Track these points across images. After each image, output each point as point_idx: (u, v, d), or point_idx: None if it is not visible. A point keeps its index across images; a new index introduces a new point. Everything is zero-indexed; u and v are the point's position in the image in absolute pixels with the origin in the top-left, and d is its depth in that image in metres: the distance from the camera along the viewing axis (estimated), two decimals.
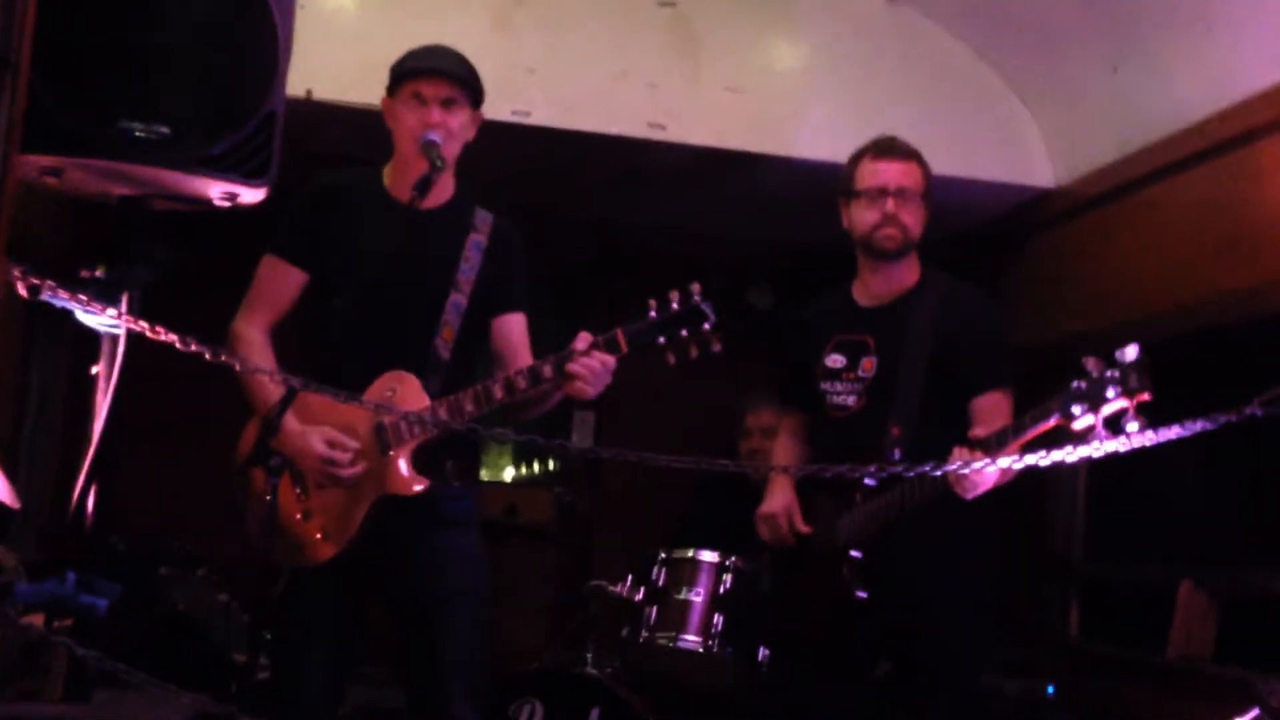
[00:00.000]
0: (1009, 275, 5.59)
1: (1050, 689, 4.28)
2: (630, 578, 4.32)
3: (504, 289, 3.34)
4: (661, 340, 2.96)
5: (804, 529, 3.57)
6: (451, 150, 3.23)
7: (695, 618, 4.09)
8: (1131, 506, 4.91)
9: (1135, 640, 4.52)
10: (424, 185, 3.10)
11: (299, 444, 3.09)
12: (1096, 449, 2.34)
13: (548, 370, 3.02)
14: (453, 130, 3.21)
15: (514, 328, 3.36)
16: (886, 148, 3.59)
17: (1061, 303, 5.19)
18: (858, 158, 3.62)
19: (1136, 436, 2.22)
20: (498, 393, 3.06)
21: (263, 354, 3.22)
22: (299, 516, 3.13)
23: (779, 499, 3.64)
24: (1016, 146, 5.23)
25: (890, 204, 3.50)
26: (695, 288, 2.96)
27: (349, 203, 3.28)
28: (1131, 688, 4.37)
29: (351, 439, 3.09)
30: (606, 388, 3.05)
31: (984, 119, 5.20)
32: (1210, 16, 4.14)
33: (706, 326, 2.96)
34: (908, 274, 3.59)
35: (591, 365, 2.98)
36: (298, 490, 3.14)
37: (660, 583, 4.19)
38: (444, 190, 3.31)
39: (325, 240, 3.25)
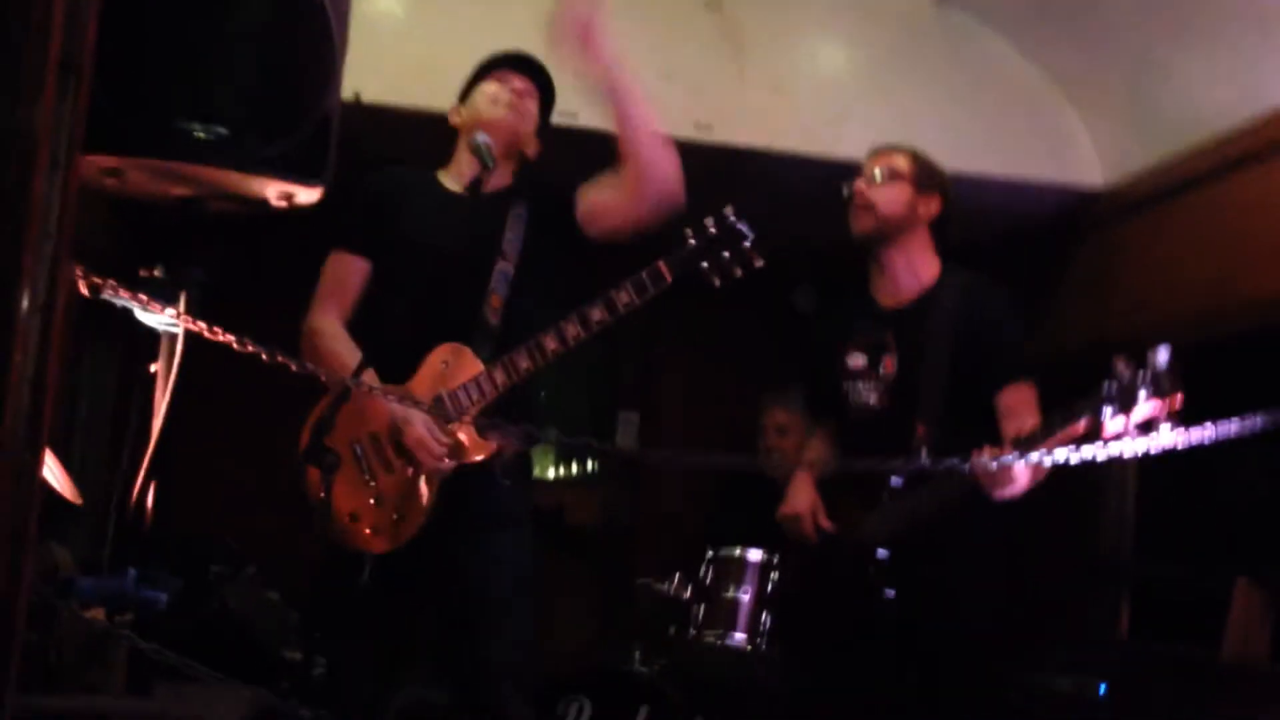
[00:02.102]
0: (1057, 277, 5.55)
1: (1102, 688, 4.24)
2: (677, 576, 4.33)
3: (554, 272, 3.37)
4: (705, 265, 2.97)
5: (826, 525, 3.57)
6: (523, 129, 3.36)
7: (743, 616, 4.09)
8: (1183, 504, 4.87)
9: (1189, 639, 4.49)
10: (476, 186, 3.15)
11: (401, 420, 3.09)
12: (1152, 443, 2.34)
13: (596, 313, 3.04)
14: (530, 114, 3.38)
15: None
16: (872, 150, 3.70)
17: (1110, 304, 5.16)
18: None
19: (1196, 432, 2.21)
20: (550, 343, 3.08)
21: (342, 341, 3.24)
22: (372, 502, 3.14)
23: (803, 499, 3.64)
24: (1064, 148, 5.19)
25: (859, 183, 3.60)
26: (729, 209, 2.98)
27: (404, 195, 3.35)
28: (1185, 687, 4.33)
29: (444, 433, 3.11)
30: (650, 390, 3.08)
31: (1031, 120, 5.16)
32: (1265, 18, 4.11)
33: (746, 244, 2.96)
34: (925, 270, 3.59)
35: None
36: (366, 476, 3.15)
37: (708, 581, 4.20)
38: (501, 177, 3.37)
39: (382, 229, 3.30)
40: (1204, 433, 2.22)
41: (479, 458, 3.13)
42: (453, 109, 3.47)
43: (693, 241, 2.98)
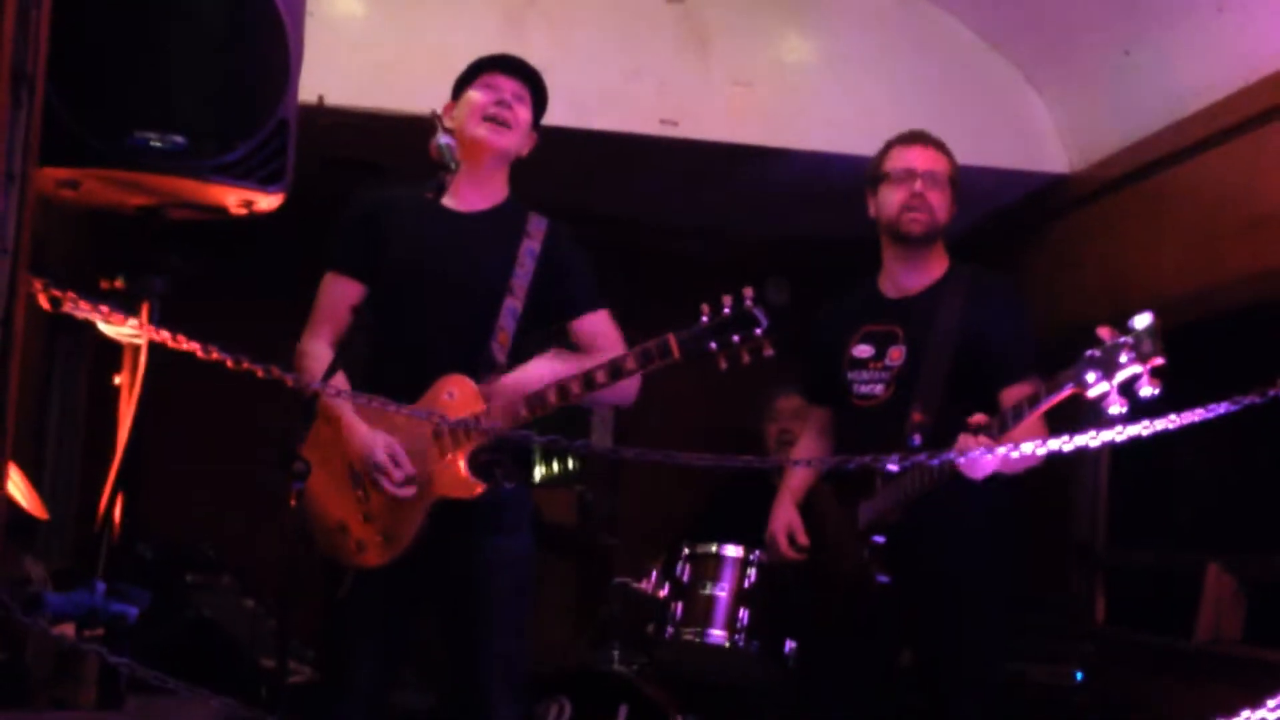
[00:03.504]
0: (1024, 263, 5.57)
1: (1079, 675, 4.27)
2: (655, 574, 4.32)
3: (568, 293, 3.33)
4: (714, 346, 2.94)
5: (804, 542, 3.59)
6: (510, 140, 3.28)
7: (721, 613, 4.09)
8: (1155, 490, 4.89)
9: (1163, 625, 4.50)
10: (439, 188, 3.12)
11: (363, 446, 3.08)
12: (1118, 434, 2.35)
13: (600, 375, 3.02)
14: (520, 121, 3.28)
15: (593, 327, 3.33)
16: (915, 135, 3.65)
17: (1077, 289, 5.18)
18: (887, 146, 3.67)
19: (1161, 421, 2.22)
20: (551, 397, 3.05)
21: (325, 364, 3.14)
22: (362, 519, 3.12)
23: (778, 520, 3.66)
24: (1029, 133, 5.22)
25: (919, 184, 3.53)
26: (748, 292, 2.94)
27: (396, 211, 3.28)
28: (1161, 673, 4.35)
29: (410, 462, 3.08)
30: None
31: (996, 106, 5.18)
32: None
33: (759, 331, 2.93)
34: (935, 265, 3.60)
35: None
36: (360, 493, 3.13)
37: (685, 578, 4.19)
38: (495, 193, 3.34)
39: (376, 249, 3.25)
40: (1194, 415, 2.24)
41: (460, 496, 3.09)
42: (446, 106, 3.36)
43: (706, 320, 2.96)
